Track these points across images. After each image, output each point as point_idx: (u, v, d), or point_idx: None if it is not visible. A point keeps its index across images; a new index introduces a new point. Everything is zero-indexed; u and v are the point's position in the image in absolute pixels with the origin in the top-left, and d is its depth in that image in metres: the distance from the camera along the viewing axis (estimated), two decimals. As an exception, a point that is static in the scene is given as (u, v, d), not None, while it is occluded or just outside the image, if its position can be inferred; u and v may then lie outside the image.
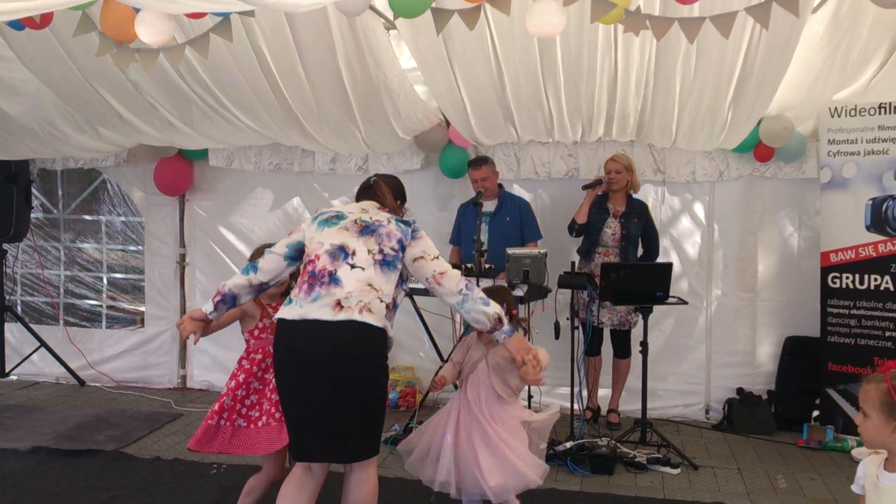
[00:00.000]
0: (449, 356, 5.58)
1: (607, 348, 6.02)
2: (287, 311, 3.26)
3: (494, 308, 3.37)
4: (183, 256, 7.10)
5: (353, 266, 3.26)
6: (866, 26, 4.47)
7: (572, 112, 5.60)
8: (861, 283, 5.54)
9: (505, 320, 3.42)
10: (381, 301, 3.23)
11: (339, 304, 3.17)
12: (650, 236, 5.89)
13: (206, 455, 5.20)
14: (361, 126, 5.79)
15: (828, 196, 5.68)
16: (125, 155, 6.85)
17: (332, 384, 3.15)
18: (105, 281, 7.45)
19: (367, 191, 3.74)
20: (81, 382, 7.12)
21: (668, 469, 5.06)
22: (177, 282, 7.10)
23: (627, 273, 5.33)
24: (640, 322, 5.45)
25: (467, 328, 4.18)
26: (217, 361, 6.85)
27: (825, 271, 5.69)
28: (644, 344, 5.38)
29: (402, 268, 3.37)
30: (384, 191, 3.70)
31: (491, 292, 3.66)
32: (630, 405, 5.97)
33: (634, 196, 5.93)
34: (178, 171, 6.84)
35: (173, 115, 5.80)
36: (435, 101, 5.83)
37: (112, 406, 6.50)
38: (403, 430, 5.61)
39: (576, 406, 5.55)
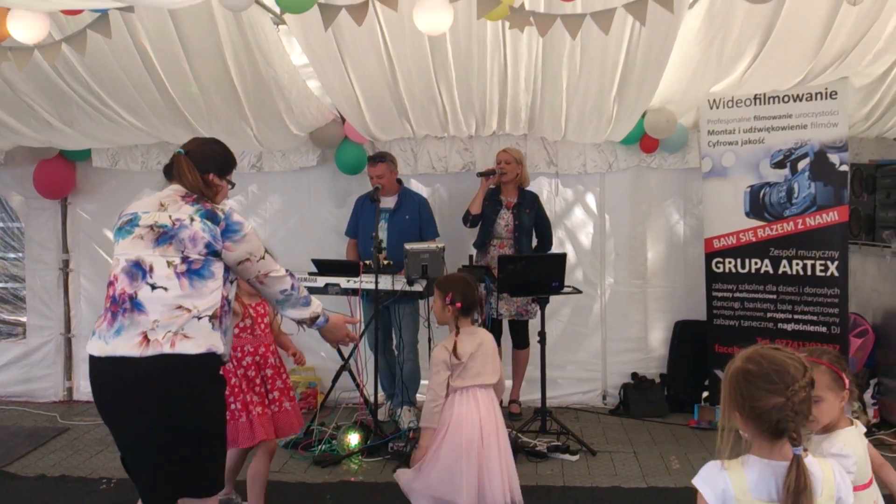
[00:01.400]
0: (349, 356, 5.57)
1: (507, 340, 6.11)
2: (93, 347, 2.87)
3: (314, 308, 3.26)
4: (66, 262, 6.79)
5: (153, 286, 2.83)
6: (739, 21, 4.69)
7: (465, 107, 5.66)
8: (743, 266, 5.80)
9: (321, 317, 3.30)
10: (200, 318, 2.86)
11: (145, 338, 2.78)
12: (543, 226, 6.01)
13: (94, 470, 5.02)
14: (253, 123, 5.68)
15: (709, 184, 5.92)
16: (2, 157, 6.50)
17: (151, 426, 2.80)
18: (-17, 291, 7.06)
19: (168, 170, 3.14)
20: (-40, 399, 6.74)
21: (567, 456, 5.18)
22: (60, 289, 6.79)
23: (524, 265, 5.43)
24: (539, 312, 5.55)
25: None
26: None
27: (709, 257, 5.93)
28: (542, 334, 5.49)
29: (221, 266, 2.98)
30: (182, 168, 3.07)
31: (449, 281, 3.73)
32: (531, 395, 6.07)
33: (526, 188, 6.03)
34: (60, 173, 6.54)
35: (52, 115, 5.55)
36: (328, 96, 5.77)
37: (-6, 422, 6.17)
38: (304, 432, 5.54)
39: (477, 398, 5.59)
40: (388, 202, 5.94)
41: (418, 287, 5.36)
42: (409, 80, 5.25)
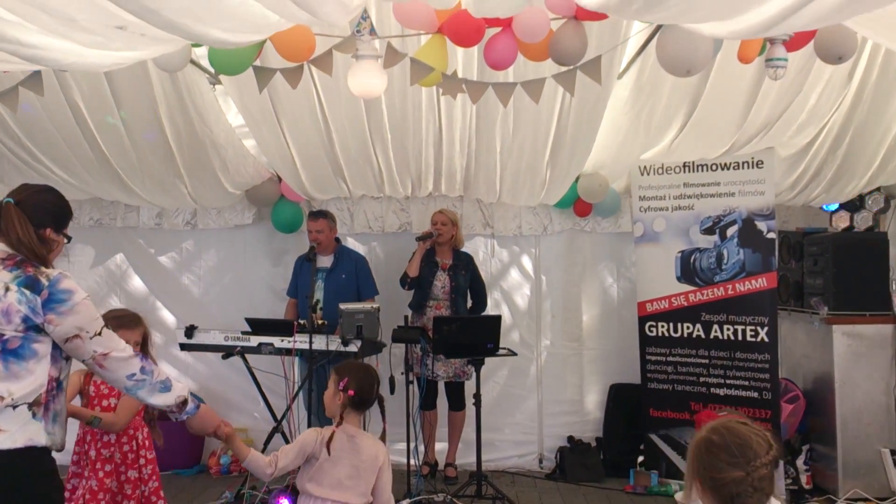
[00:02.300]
0: (283, 418, 5.46)
1: (443, 401, 6.05)
2: None
3: (179, 392, 2.70)
4: (-8, 318, 6.58)
5: None
6: (666, 91, 4.84)
7: (401, 168, 5.71)
8: (675, 331, 5.87)
9: (191, 403, 2.74)
10: (16, 407, 2.43)
11: None
12: (477, 287, 6.02)
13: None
14: (187, 181, 5.64)
15: (641, 249, 6.01)
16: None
17: None
18: None
19: None
20: None
21: (502, 522, 5.10)
22: (-15, 346, 6.56)
23: (459, 326, 5.42)
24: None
25: None
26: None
27: (642, 320, 5.98)
28: (477, 396, 5.44)
29: (48, 343, 2.52)
30: (13, 221, 2.56)
31: (350, 367, 3.27)
32: (468, 458, 5.97)
33: (460, 249, 6.06)
34: (-13, 227, 6.38)
35: (-20, 170, 5.46)
36: (264, 156, 5.77)
37: None
38: (235, 496, 5.39)
39: (412, 462, 5.51)
40: (325, 261, 5.91)
41: (353, 347, 5.30)
42: (344, 140, 5.29)
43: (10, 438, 2.41)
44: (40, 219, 2.63)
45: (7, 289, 2.47)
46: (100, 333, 2.56)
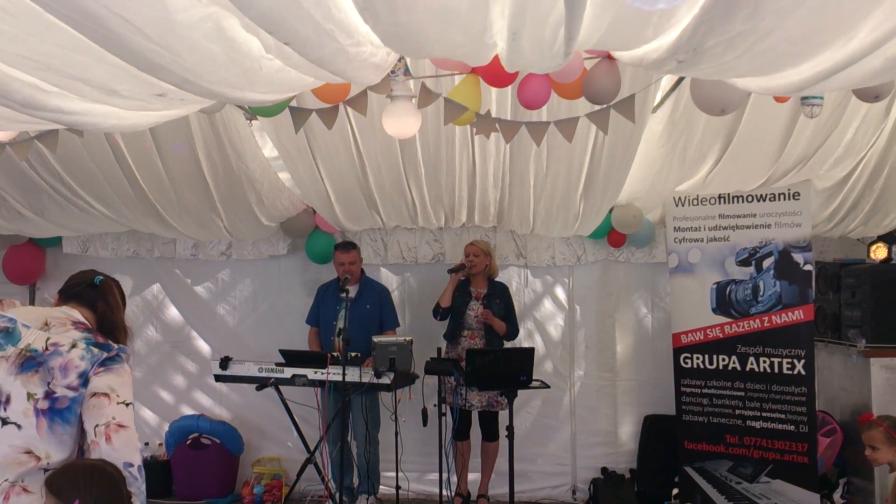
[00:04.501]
0: (315, 449, 5.48)
1: (476, 431, 6.04)
2: None
3: None
4: (33, 348, 6.70)
5: (5, 421, 2.35)
6: (700, 127, 4.81)
7: (434, 201, 5.72)
8: (710, 363, 5.81)
9: None
10: (48, 471, 2.33)
11: None
12: (510, 318, 6.00)
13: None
14: (223, 215, 5.71)
15: (676, 280, 5.97)
16: (-30, 242, 6.47)
17: None
18: (-54, 374, 6.91)
19: (88, 290, 2.68)
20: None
21: (534, 555, 5.07)
22: (26, 375, 6.67)
23: (492, 358, 5.40)
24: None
25: None
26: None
27: (677, 352, 5.93)
28: (510, 428, 5.41)
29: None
30: (116, 299, 2.68)
31: (71, 488, 2.24)
32: (501, 489, 5.96)
33: (495, 279, 6.05)
34: (29, 259, 6.51)
35: (23, 205, 5.57)
36: (298, 189, 5.82)
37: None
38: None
39: (444, 492, 5.51)
40: (351, 291, 5.92)
41: (386, 380, 5.32)
42: (378, 175, 5.33)
43: (35, 501, 2.32)
44: (123, 305, 2.75)
45: (74, 345, 2.47)
46: (127, 404, 2.47)
